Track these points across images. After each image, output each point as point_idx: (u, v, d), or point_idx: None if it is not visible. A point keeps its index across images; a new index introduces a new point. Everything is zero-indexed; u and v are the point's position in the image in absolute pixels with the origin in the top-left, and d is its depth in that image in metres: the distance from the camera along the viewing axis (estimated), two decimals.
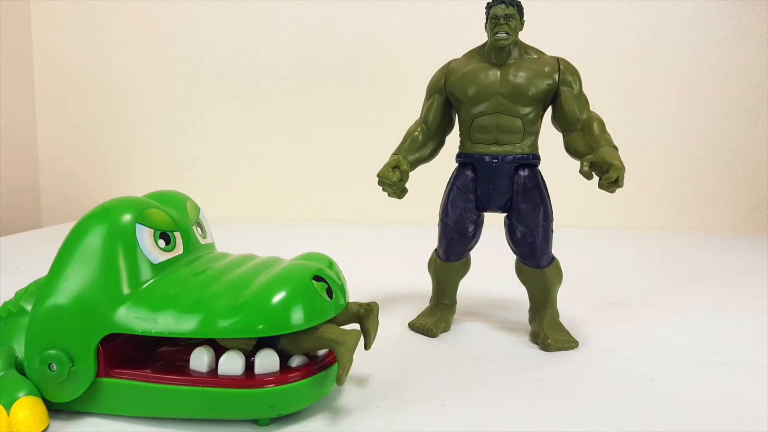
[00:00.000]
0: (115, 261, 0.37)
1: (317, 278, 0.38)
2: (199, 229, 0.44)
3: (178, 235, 0.40)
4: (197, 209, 0.45)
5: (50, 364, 0.36)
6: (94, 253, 0.37)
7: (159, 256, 0.38)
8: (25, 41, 1.42)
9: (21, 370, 0.39)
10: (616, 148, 0.50)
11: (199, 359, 0.38)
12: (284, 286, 0.36)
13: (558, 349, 0.52)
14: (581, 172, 0.49)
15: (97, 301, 0.36)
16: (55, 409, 0.38)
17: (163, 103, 1.43)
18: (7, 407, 0.36)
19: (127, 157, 1.47)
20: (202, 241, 0.44)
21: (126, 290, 0.37)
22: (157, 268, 0.38)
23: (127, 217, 0.37)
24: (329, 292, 0.38)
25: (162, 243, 0.39)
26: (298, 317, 0.35)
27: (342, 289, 0.40)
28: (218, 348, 0.38)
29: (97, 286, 0.36)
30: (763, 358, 0.51)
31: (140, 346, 0.41)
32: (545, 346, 0.52)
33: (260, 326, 0.35)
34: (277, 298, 0.36)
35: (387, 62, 1.35)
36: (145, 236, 0.38)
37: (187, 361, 0.38)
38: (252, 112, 1.41)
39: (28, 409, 0.36)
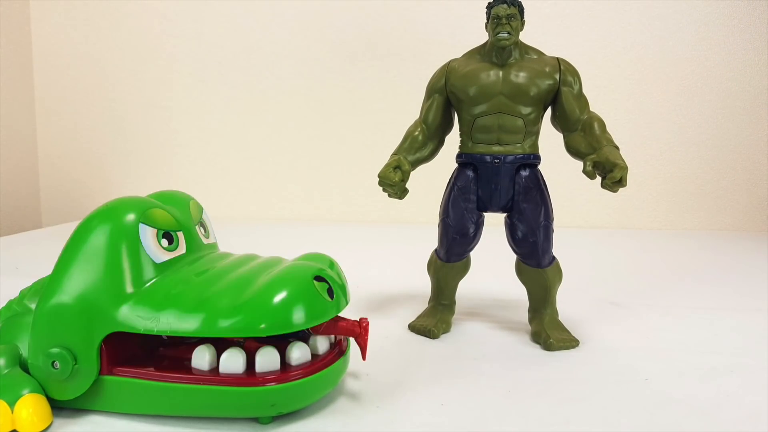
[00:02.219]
0: (118, 260, 0.37)
1: (318, 278, 0.38)
2: (202, 228, 0.44)
3: (180, 235, 0.41)
4: (200, 209, 0.45)
5: (53, 362, 0.37)
6: (97, 253, 0.37)
7: (162, 256, 0.39)
8: (25, 41, 1.42)
9: (25, 368, 0.39)
10: (617, 148, 0.50)
11: (201, 357, 0.38)
12: (285, 286, 0.36)
13: (560, 348, 0.52)
14: (584, 171, 0.49)
15: (100, 300, 0.36)
16: (59, 407, 0.39)
17: (163, 103, 1.43)
18: (11, 404, 0.36)
19: (127, 157, 1.47)
20: (205, 241, 0.44)
21: (129, 289, 0.37)
22: (160, 268, 0.38)
23: (130, 217, 0.38)
24: (330, 292, 0.38)
25: (165, 243, 0.39)
26: (299, 317, 0.36)
27: (343, 289, 0.41)
28: (220, 346, 0.39)
29: (101, 285, 0.37)
30: (762, 358, 0.51)
31: (143, 344, 0.41)
32: (547, 346, 0.52)
33: (262, 326, 0.35)
34: (278, 297, 0.36)
35: (387, 62, 1.35)
36: (148, 236, 0.38)
37: (189, 360, 0.38)
38: (252, 113, 1.41)
39: (31, 407, 0.36)
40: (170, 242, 0.39)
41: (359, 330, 0.39)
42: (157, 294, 0.37)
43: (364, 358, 0.40)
